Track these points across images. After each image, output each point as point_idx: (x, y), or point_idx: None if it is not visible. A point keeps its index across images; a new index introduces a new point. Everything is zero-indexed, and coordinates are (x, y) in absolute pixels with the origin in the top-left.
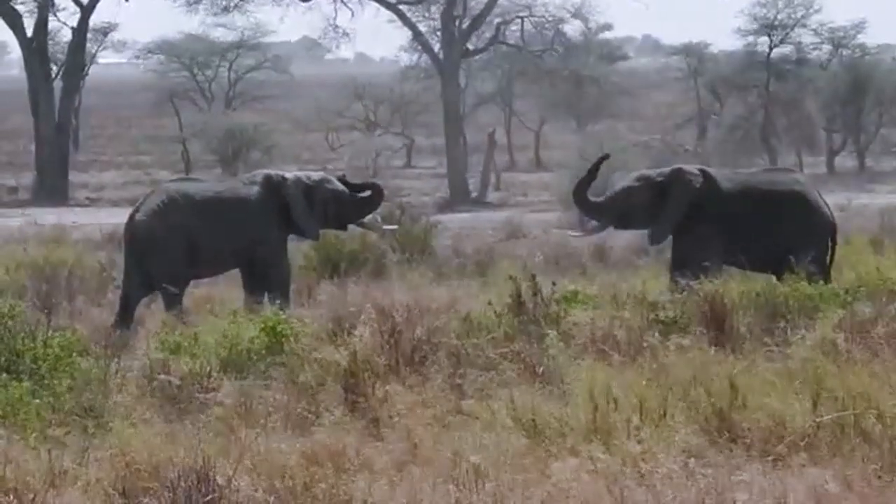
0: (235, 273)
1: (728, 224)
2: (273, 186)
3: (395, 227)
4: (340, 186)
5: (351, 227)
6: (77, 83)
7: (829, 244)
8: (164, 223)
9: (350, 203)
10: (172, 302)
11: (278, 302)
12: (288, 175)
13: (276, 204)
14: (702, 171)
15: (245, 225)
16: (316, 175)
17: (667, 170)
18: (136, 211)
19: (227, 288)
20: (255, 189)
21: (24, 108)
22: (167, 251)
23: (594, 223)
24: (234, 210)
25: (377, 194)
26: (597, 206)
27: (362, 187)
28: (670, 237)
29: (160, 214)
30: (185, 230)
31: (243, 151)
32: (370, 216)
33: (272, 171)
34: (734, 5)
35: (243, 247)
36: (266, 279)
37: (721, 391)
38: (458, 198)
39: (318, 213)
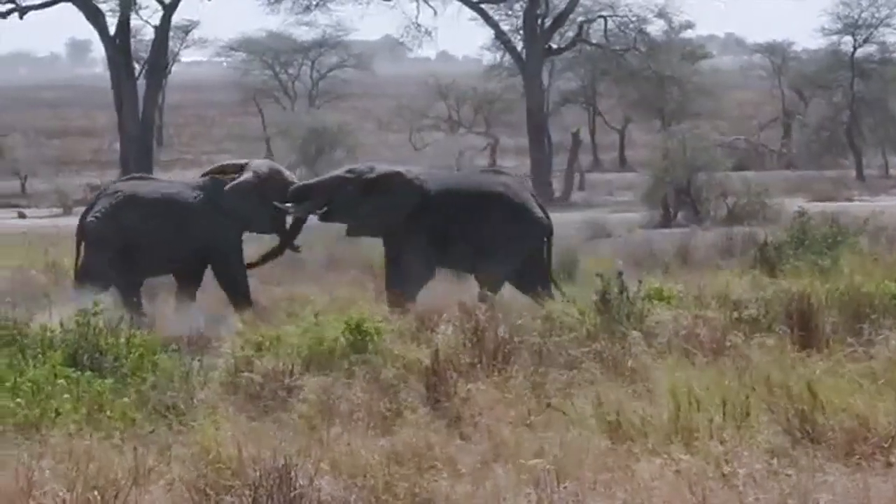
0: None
1: (433, 226)
2: None
3: None
4: None
5: None
6: (160, 81)
7: (544, 246)
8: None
9: None
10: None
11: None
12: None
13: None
14: (403, 172)
15: None
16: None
17: (380, 167)
18: None
19: (307, 287)
20: None
21: (108, 106)
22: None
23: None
24: None
25: None
26: (303, 189)
27: None
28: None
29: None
30: None
31: (326, 150)
32: None
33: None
34: (818, 4)
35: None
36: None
37: (804, 391)
38: (542, 198)
39: None
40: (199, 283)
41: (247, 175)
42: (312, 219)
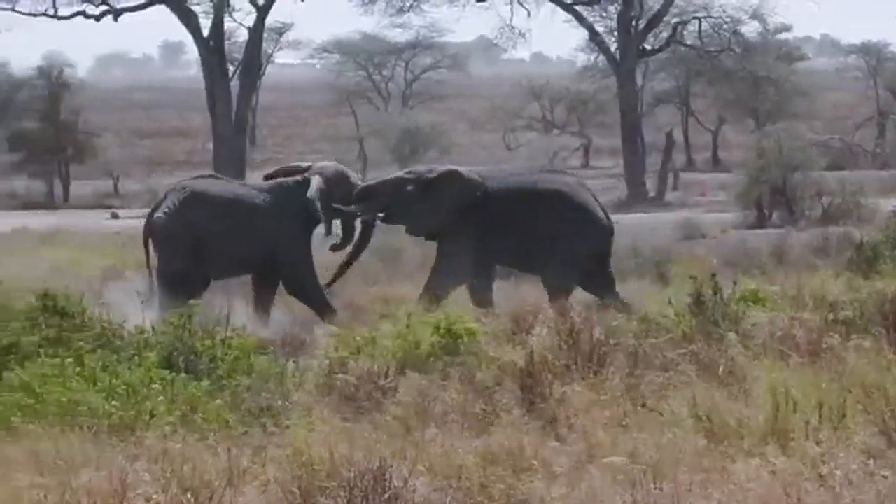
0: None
1: (493, 225)
2: None
3: None
4: None
5: None
6: (254, 82)
7: (607, 247)
8: None
9: None
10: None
11: None
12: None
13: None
14: (462, 172)
15: None
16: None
17: (439, 167)
18: None
19: (402, 287)
20: None
21: (201, 108)
22: None
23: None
24: None
25: None
26: (366, 190)
27: None
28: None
29: None
30: None
31: (420, 151)
32: None
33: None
34: None
35: None
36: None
37: None
38: (636, 198)
39: None
40: (275, 289)
41: (315, 182)
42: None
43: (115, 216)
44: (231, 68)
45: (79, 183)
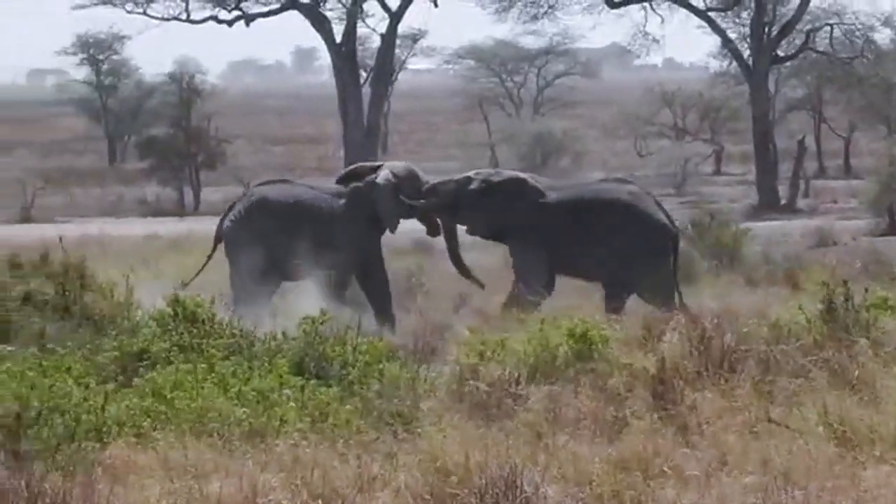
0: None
1: (556, 234)
2: None
3: None
4: None
5: None
6: (386, 89)
7: (670, 252)
8: None
9: None
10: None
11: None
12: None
13: None
14: (527, 179)
15: None
16: None
17: (505, 172)
18: None
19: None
20: None
21: (333, 114)
22: None
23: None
24: None
25: None
26: (433, 188)
27: None
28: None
29: None
30: None
31: (552, 157)
32: None
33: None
34: None
35: None
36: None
37: None
38: (768, 205)
39: None
40: (366, 290)
41: (384, 174)
42: None
43: None
44: (363, 74)
45: (209, 190)
